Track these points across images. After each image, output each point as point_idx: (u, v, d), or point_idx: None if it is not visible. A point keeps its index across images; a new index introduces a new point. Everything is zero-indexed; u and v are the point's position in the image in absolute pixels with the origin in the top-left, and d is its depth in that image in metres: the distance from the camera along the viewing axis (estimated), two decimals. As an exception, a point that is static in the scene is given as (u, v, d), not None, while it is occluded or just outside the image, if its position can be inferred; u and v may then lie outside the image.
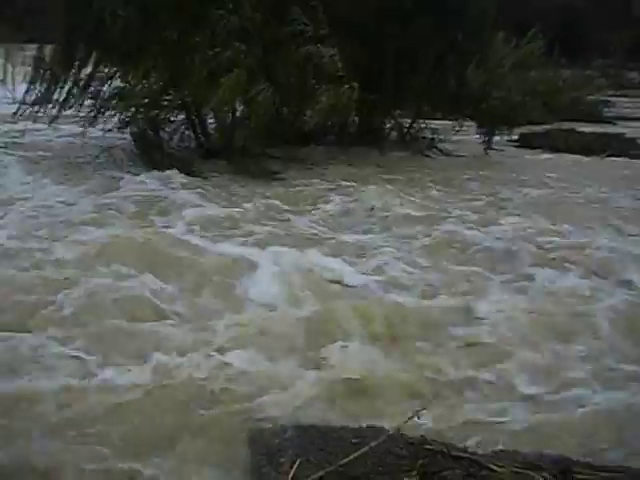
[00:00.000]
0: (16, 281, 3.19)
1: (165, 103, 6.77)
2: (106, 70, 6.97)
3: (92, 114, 6.97)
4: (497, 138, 8.90)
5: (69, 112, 7.02)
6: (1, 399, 2.22)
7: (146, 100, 6.56)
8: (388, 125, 8.81)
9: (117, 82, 6.97)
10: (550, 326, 3.03)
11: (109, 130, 6.97)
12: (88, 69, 6.83)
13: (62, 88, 6.79)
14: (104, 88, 6.94)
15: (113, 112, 6.84)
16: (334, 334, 2.74)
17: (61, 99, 6.82)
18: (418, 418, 1.85)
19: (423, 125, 8.85)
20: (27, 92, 6.90)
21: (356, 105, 6.92)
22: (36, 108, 6.86)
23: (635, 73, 24.93)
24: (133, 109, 6.64)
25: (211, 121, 7.33)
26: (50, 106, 6.86)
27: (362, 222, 4.83)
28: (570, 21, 24.38)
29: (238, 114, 6.88)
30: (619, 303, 3.24)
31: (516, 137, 9.50)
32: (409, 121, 8.79)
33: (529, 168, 7.88)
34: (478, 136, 8.85)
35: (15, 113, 7.06)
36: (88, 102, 7.01)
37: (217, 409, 2.15)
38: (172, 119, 7.17)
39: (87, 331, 2.73)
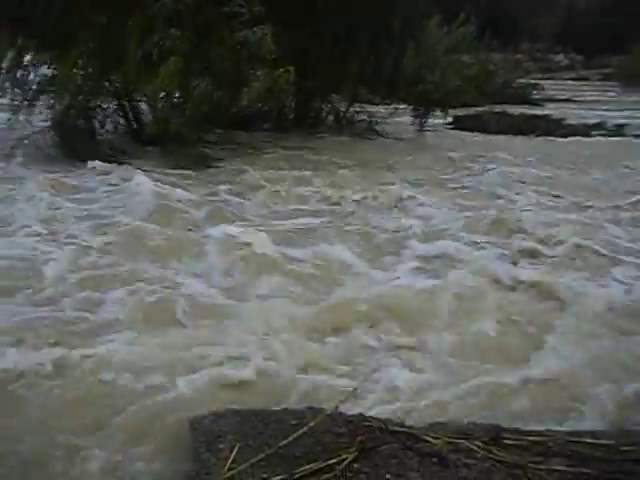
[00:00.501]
0: None
1: (96, 91, 6.54)
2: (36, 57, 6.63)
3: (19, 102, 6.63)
4: (433, 121, 9.10)
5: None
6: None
7: (76, 88, 6.30)
8: (325, 109, 8.84)
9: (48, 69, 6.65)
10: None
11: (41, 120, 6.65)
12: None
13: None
14: (32, 76, 6.61)
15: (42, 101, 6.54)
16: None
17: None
18: (355, 397, 1.89)
19: (359, 109, 8.94)
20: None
21: (293, 90, 6.90)
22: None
23: (561, 56, 25.95)
24: (62, 97, 6.36)
25: (144, 107, 7.14)
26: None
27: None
28: (499, 6, 24.99)
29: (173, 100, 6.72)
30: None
31: (450, 120, 9.72)
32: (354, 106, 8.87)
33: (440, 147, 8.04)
34: (415, 119, 9.01)
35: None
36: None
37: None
38: (104, 107, 6.93)
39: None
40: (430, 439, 1.86)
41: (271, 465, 1.66)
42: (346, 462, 1.69)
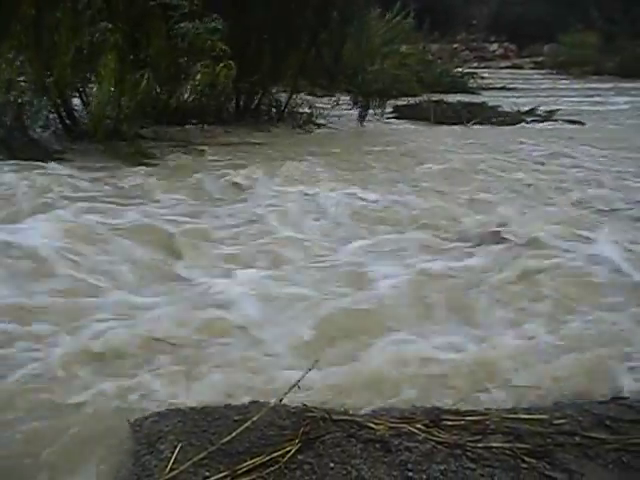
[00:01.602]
0: None
1: (29, 86, 6.27)
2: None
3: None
4: (376, 111, 9.17)
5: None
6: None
7: (6, 84, 6.03)
8: (266, 102, 8.78)
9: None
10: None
11: None
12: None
13: None
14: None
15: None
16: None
17: None
18: (299, 388, 1.89)
19: (301, 101, 8.93)
20: None
21: (233, 84, 6.82)
22: None
23: (495, 46, 26.68)
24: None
25: (78, 103, 6.91)
26: None
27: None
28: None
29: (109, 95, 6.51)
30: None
31: (390, 109, 9.84)
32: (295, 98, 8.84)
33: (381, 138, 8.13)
34: (357, 109, 9.07)
35: None
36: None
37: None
38: (38, 103, 6.65)
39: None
40: (373, 425, 1.89)
41: (214, 463, 1.64)
42: (290, 454, 1.70)
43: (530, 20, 25.82)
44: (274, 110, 8.78)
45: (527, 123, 9.79)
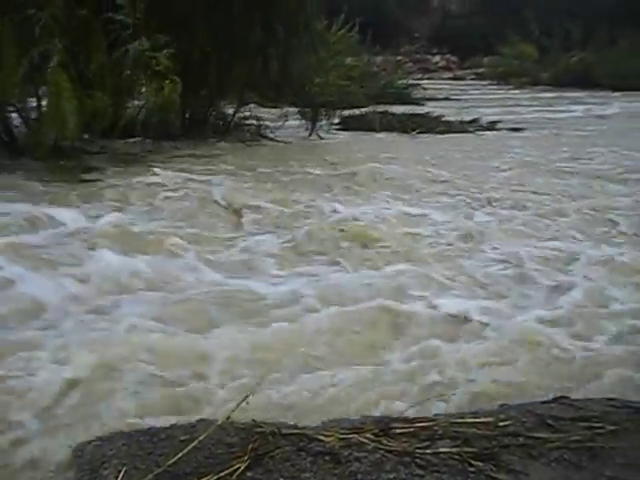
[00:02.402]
0: None
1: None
2: None
3: None
4: (322, 122, 9.24)
5: None
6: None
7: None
8: (213, 115, 8.72)
9: None
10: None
11: None
12: None
13: None
14: None
15: None
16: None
17: None
18: (247, 403, 1.87)
19: (249, 114, 8.91)
20: None
21: (181, 97, 6.76)
22: None
23: (438, 57, 27.44)
24: None
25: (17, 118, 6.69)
26: None
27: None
28: (379, 10, 25.96)
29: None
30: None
31: (337, 121, 9.94)
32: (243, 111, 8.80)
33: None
34: (306, 122, 9.12)
35: None
36: None
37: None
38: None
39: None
40: (323, 438, 1.88)
41: (160, 485, 1.60)
42: (238, 472, 1.67)
43: (470, 33, 26.72)
44: (221, 123, 8.73)
45: (470, 132, 10.07)
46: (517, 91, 19.77)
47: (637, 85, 19.48)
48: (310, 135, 9.01)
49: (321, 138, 8.95)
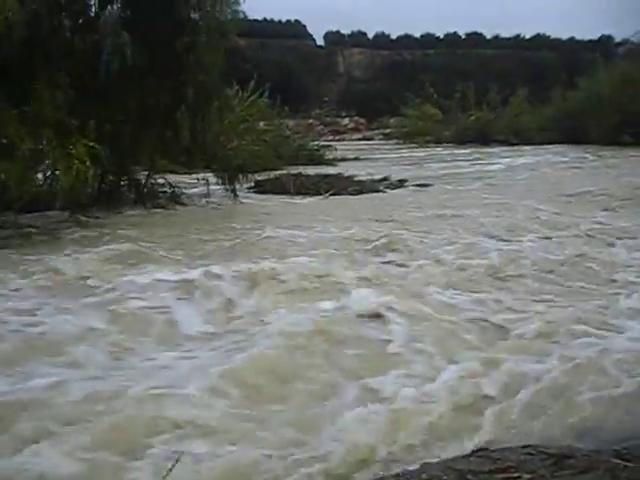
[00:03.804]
0: None
1: None
2: None
3: None
4: (237, 186, 9.26)
5: None
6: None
7: None
8: (124, 183, 8.58)
9: None
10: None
11: None
12: None
13: None
14: None
15: None
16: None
17: None
18: (174, 465, 1.81)
19: (162, 180, 8.83)
20: None
21: (91, 170, 6.61)
22: None
23: (347, 120, 28.70)
24: None
25: None
26: None
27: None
28: (289, 75, 27.03)
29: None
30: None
31: (252, 184, 10.03)
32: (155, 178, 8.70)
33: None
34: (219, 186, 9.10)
35: None
36: None
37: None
38: None
39: None
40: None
41: None
42: None
43: (374, 96, 28.25)
44: (133, 190, 8.59)
45: (381, 191, 10.41)
46: (422, 149, 20.89)
47: (528, 139, 21.30)
48: (233, 199, 8.88)
49: (237, 202, 8.92)
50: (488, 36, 38.68)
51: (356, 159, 16.55)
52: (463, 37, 38.76)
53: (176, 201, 8.55)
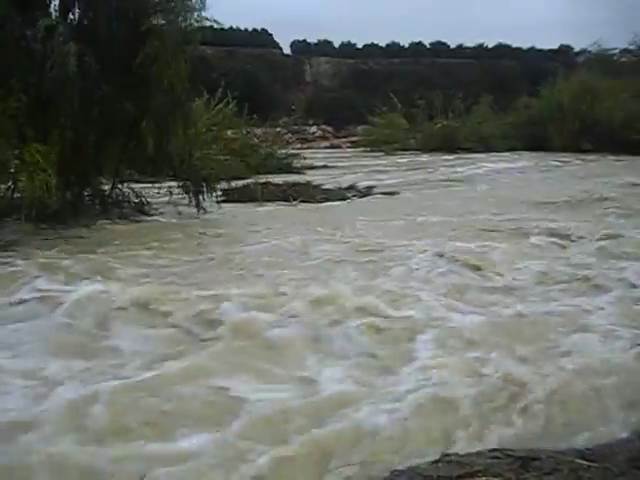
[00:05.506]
0: None
1: None
2: None
3: None
4: (205, 195, 9.16)
5: None
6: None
7: None
8: (88, 194, 8.42)
9: None
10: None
11: None
12: None
13: None
14: None
15: None
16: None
17: None
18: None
19: (128, 190, 8.69)
20: None
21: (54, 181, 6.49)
22: None
23: (314, 128, 28.76)
24: None
25: None
26: None
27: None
28: (253, 85, 26.97)
29: None
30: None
31: (220, 193, 9.95)
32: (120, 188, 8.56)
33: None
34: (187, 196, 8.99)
35: None
36: None
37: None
38: None
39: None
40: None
41: None
42: None
43: (341, 104, 28.45)
44: (98, 201, 8.44)
45: (348, 199, 10.44)
46: (389, 157, 21.06)
47: (493, 146, 21.71)
48: (198, 210, 8.81)
49: (204, 212, 8.82)
50: (452, 45, 39.51)
51: (324, 167, 16.61)
52: (428, 46, 39.44)
53: (142, 212, 8.44)
